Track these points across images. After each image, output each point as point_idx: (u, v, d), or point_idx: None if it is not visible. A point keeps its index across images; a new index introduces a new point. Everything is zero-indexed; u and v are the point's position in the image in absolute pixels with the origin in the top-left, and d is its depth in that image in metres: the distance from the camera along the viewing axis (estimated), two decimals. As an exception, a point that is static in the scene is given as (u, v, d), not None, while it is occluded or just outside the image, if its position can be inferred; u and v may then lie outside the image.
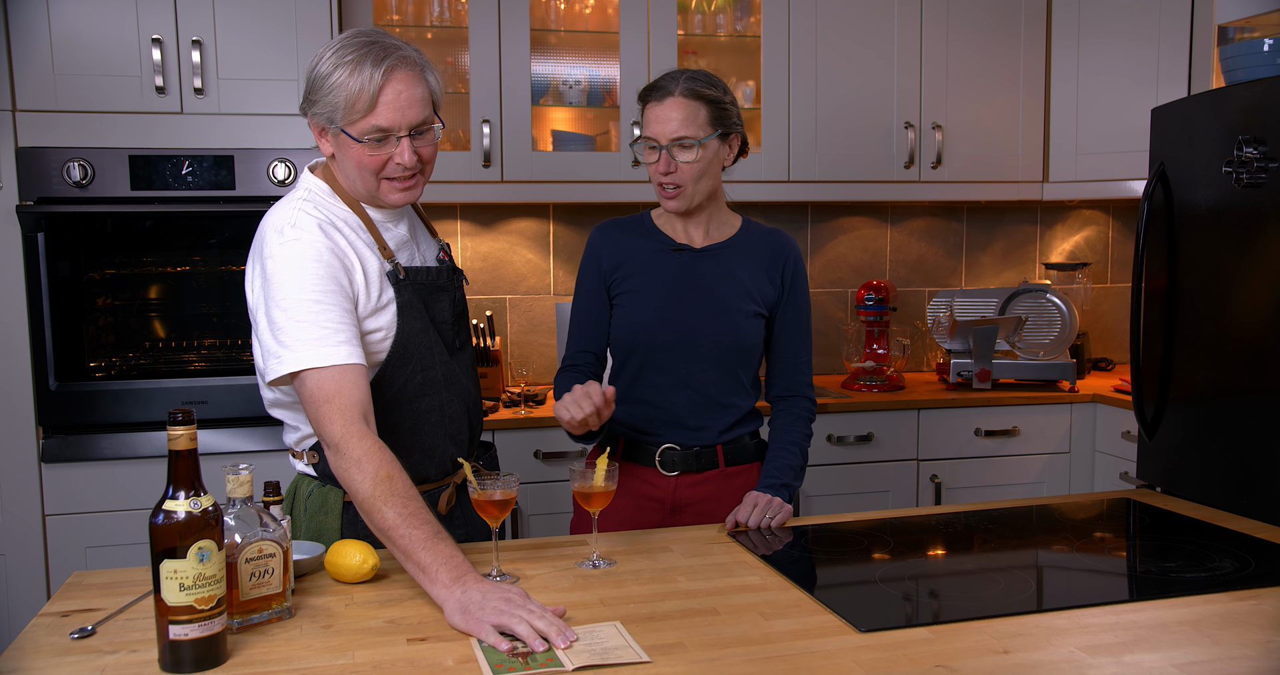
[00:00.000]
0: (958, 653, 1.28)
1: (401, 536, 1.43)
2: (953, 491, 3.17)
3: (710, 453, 1.98)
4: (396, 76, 1.56)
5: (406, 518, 1.43)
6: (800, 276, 2.04)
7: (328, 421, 1.50)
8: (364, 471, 1.46)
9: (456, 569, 1.40)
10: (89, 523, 2.67)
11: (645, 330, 1.95)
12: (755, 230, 2.04)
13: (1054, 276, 3.71)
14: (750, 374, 2.00)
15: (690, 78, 1.89)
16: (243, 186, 2.71)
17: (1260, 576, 1.56)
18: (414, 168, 1.63)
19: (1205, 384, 2.35)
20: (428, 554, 1.41)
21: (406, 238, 1.75)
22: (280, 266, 1.56)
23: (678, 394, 1.96)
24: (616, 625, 1.37)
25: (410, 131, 1.60)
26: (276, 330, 1.54)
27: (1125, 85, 3.28)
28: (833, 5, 3.25)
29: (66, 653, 1.31)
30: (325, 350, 1.52)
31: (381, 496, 1.44)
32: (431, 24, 3.15)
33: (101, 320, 2.77)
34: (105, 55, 2.64)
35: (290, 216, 1.61)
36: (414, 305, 1.69)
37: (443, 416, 1.74)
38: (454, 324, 1.80)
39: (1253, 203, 2.20)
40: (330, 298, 1.55)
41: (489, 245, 3.42)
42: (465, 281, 1.90)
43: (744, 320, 1.96)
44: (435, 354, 1.72)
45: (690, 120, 1.86)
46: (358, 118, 1.57)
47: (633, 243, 2.01)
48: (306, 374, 1.52)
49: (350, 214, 1.67)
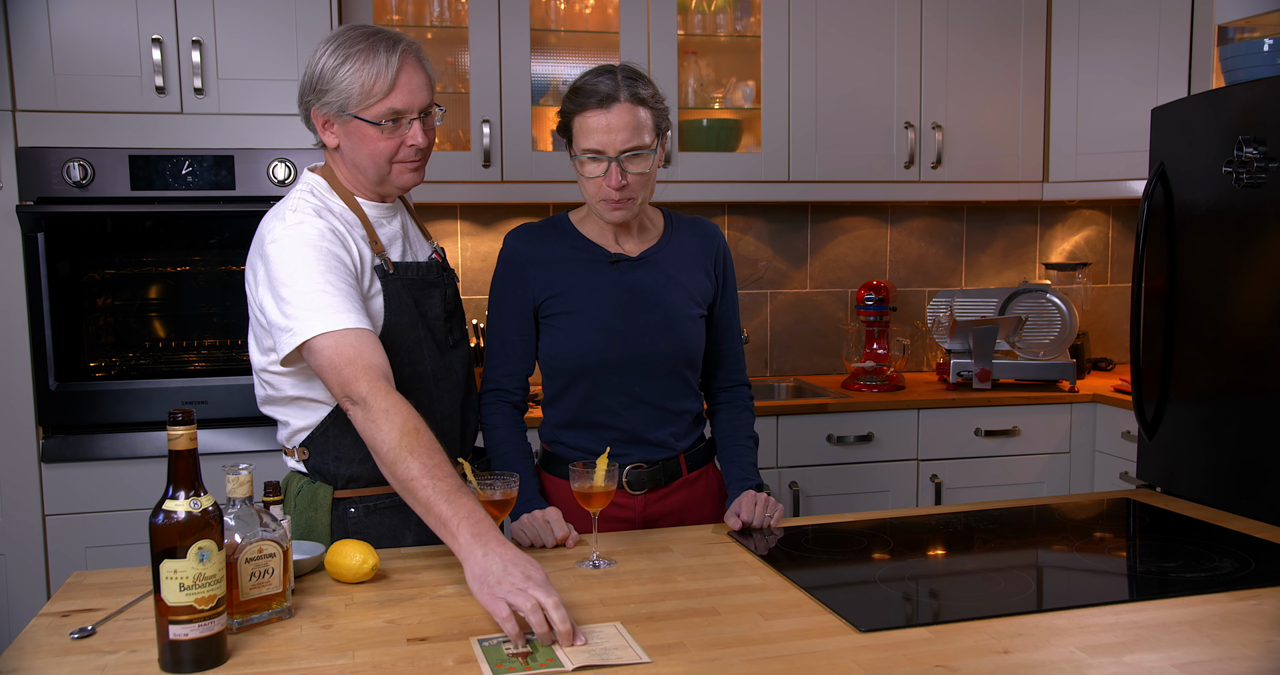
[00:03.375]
0: (958, 653, 1.28)
1: (423, 487, 1.42)
2: (953, 491, 3.17)
3: (674, 464, 1.93)
4: (408, 62, 1.64)
5: (430, 469, 1.42)
6: (729, 262, 1.97)
7: (353, 380, 1.50)
8: (391, 422, 1.46)
9: (478, 525, 1.38)
10: (89, 523, 2.67)
11: (593, 354, 1.83)
12: (680, 224, 1.95)
13: (1054, 276, 3.71)
14: (696, 374, 1.96)
15: (629, 79, 1.76)
16: (243, 186, 2.71)
17: (1260, 576, 1.56)
18: (427, 148, 1.69)
19: (1205, 384, 2.35)
20: (449, 507, 1.39)
21: (399, 235, 1.78)
22: (284, 248, 1.59)
23: (632, 412, 1.87)
24: (616, 626, 1.37)
25: (419, 113, 1.67)
26: (285, 306, 1.56)
27: (1125, 85, 3.28)
28: (833, 5, 3.25)
29: (66, 653, 1.31)
30: (338, 316, 1.54)
31: (407, 446, 1.44)
32: (431, 24, 3.15)
33: (101, 320, 2.77)
34: (105, 55, 2.64)
35: (291, 204, 1.66)
36: (401, 299, 1.71)
37: (432, 412, 1.73)
38: (446, 321, 1.81)
39: (1253, 203, 2.20)
40: (336, 274, 1.58)
41: (489, 245, 3.42)
42: (457, 280, 1.91)
43: (691, 325, 1.89)
44: (424, 349, 1.74)
45: (640, 128, 1.74)
46: (374, 102, 1.63)
47: (561, 254, 1.87)
48: (322, 341, 1.52)
49: (345, 209, 1.71)
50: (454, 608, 1.45)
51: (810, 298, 3.68)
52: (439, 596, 1.50)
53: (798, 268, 3.66)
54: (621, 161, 1.75)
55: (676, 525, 1.93)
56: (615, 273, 1.87)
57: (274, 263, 1.59)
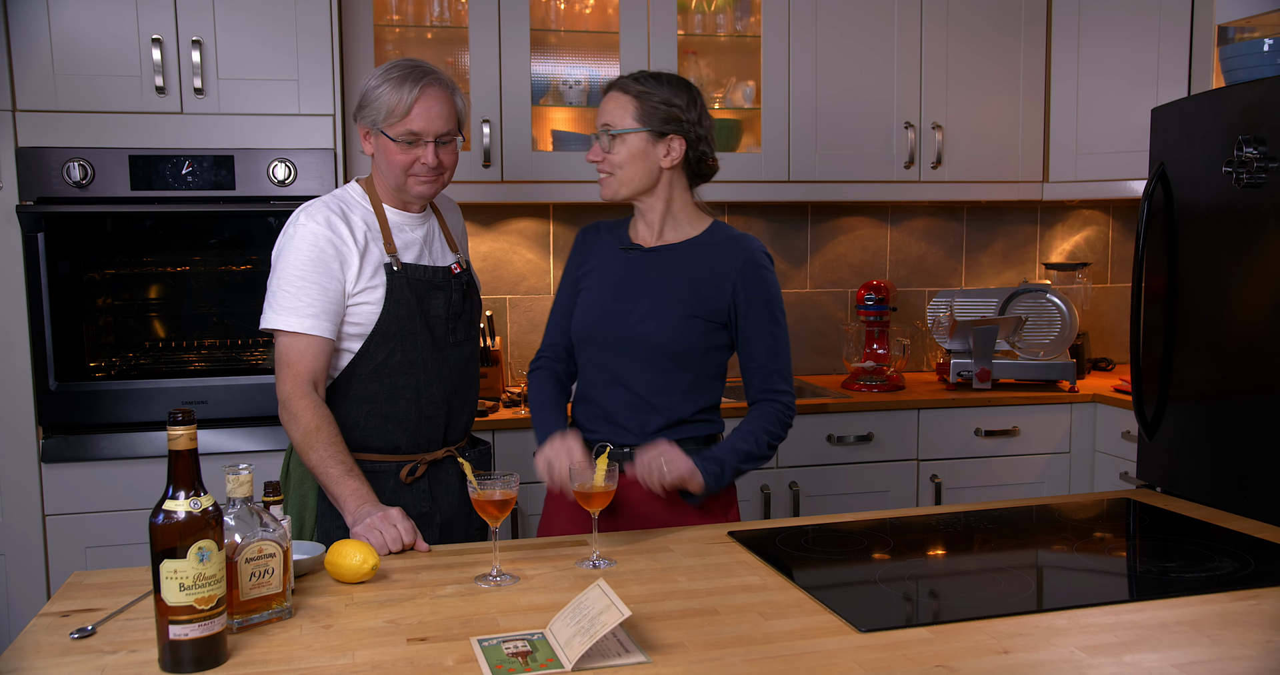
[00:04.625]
0: (958, 653, 1.28)
1: (322, 474, 1.80)
2: (953, 491, 3.17)
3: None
4: (429, 93, 1.90)
5: (325, 459, 1.80)
6: (757, 283, 1.93)
7: (280, 381, 1.87)
8: (298, 423, 1.82)
9: (358, 498, 1.76)
10: (89, 523, 2.67)
11: (587, 328, 1.99)
12: (718, 235, 1.99)
13: (1054, 276, 3.71)
14: (689, 377, 1.94)
15: (635, 77, 1.94)
16: (243, 186, 2.71)
17: (1260, 576, 1.56)
18: (435, 168, 1.94)
19: (1205, 384, 2.35)
20: (339, 488, 1.78)
21: (418, 242, 2.00)
22: (284, 245, 1.91)
23: (611, 391, 1.96)
24: (600, 584, 1.34)
25: (436, 139, 1.92)
26: (269, 294, 1.90)
27: (1125, 85, 3.28)
28: (833, 5, 3.25)
29: (66, 653, 1.31)
30: (295, 319, 1.85)
31: (308, 442, 1.81)
32: (431, 24, 3.15)
33: (101, 320, 2.77)
34: (105, 55, 2.64)
35: (309, 208, 1.93)
36: (403, 294, 1.93)
37: (418, 396, 1.96)
38: (448, 321, 2.00)
39: (1253, 203, 2.20)
40: (314, 277, 1.86)
41: (489, 245, 3.42)
42: (477, 289, 2.11)
43: (680, 322, 1.91)
44: (418, 339, 1.95)
45: (619, 112, 1.92)
46: (395, 122, 1.90)
47: (601, 242, 2.06)
48: (280, 336, 1.88)
49: (370, 213, 1.97)
50: (454, 608, 1.46)
51: (810, 298, 3.68)
52: (439, 596, 1.50)
53: (798, 268, 3.66)
54: (601, 137, 1.94)
55: (641, 517, 1.90)
56: (625, 258, 2.00)
57: (276, 253, 1.91)
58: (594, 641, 1.24)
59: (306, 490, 1.96)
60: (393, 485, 1.94)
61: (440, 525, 1.99)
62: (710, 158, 1.99)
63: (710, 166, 2.01)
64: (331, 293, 1.87)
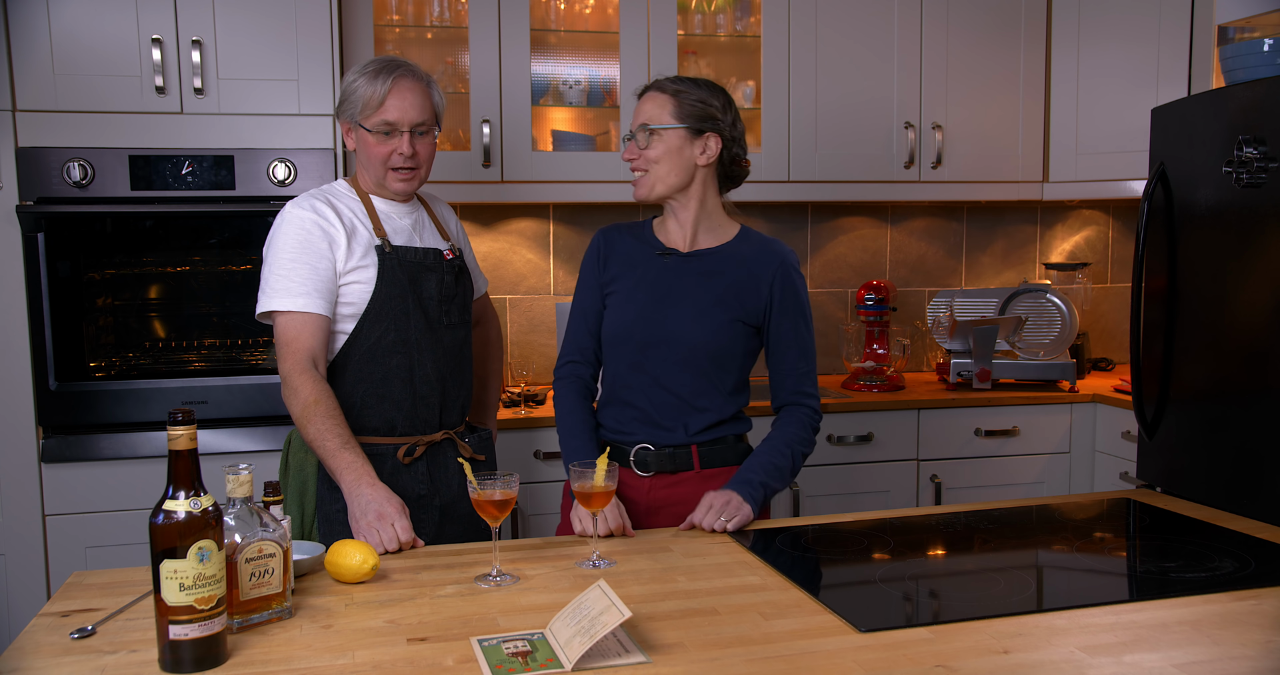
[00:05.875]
0: (958, 653, 1.28)
1: (319, 448, 1.84)
2: (953, 491, 3.17)
3: (685, 453, 1.98)
4: (401, 84, 1.96)
5: (323, 432, 1.83)
6: (790, 287, 2.02)
7: (281, 359, 1.90)
8: (298, 397, 1.86)
9: (355, 472, 1.79)
10: (89, 523, 2.67)
11: (625, 330, 2.00)
12: (751, 239, 2.05)
13: (1054, 276, 3.71)
14: (730, 379, 2.00)
15: (670, 79, 1.98)
16: (243, 186, 2.71)
17: (1260, 576, 1.56)
18: (410, 159, 1.99)
19: (1205, 384, 2.35)
20: (335, 460, 1.81)
21: (407, 229, 2.05)
22: (274, 232, 1.97)
23: (652, 393, 1.98)
24: (601, 584, 1.35)
25: (411, 129, 1.97)
26: (263, 281, 1.95)
27: (1125, 85, 3.28)
28: (833, 5, 3.25)
29: (66, 653, 1.31)
30: (288, 299, 1.90)
31: (307, 416, 1.84)
32: (431, 24, 3.15)
33: (101, 320, 2.77)
34: (105, 55, 2.64)
35: (298, 199, 1.99)
36: (394, 274, 1.98)
37: (412, 376, 2.00)
38: (441, 304, 2.04)
39: (1253, 203, 2.20)
40: (304, 257, 1.91)
41: (489, 245, 3.42)
42: (468, 273, 2.14)
43: (720, 326, 1.97)
44: (411, 319, 1.99)
45: (656, 110, 1.94)
46: (370, 113, 1.96)
47: (627, 245, 2.06)
48: (277, 317, 1.92)
49: (358, 203, 2.03)
50: (454, 608, 1.46)
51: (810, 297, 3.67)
52: (439, 596, 1.50)
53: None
54: (636, 135, 1.97)
55: (681, 516, 1.92)
56: (661, 262, 2.02)
57: (269, 238, 1.97)
58: (594, 642, 1.24)
59: (306, 475, 1.99)
60: (390, 467, 1.97)
61: (440, 507, 2.02)
62: (743, 159, 2.03)
63: (743, 168, 2.04)
64: (322, 271, 1.92)
